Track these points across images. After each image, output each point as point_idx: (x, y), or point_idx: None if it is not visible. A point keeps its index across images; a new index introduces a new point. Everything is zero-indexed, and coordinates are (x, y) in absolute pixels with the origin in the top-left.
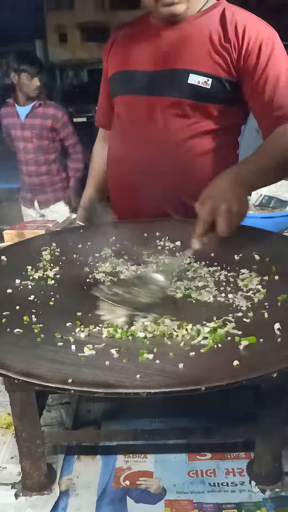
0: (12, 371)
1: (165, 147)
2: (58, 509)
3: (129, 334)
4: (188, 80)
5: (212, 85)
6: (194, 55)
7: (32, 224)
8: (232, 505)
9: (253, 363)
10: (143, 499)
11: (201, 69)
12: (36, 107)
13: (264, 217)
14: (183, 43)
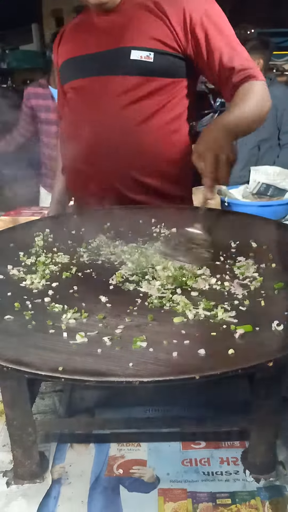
0: (1, 358)
1: (116, 124)
2: (50, 497)
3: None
4: (130, 56)
5: (155, 59)
6: (134, 33)
7: (27, 211)
8: (226, 494)
9: (249, 352)
10: (136, 488)
11: (142, 45)
12: None
13: (262, 206)
14: (123, 24)
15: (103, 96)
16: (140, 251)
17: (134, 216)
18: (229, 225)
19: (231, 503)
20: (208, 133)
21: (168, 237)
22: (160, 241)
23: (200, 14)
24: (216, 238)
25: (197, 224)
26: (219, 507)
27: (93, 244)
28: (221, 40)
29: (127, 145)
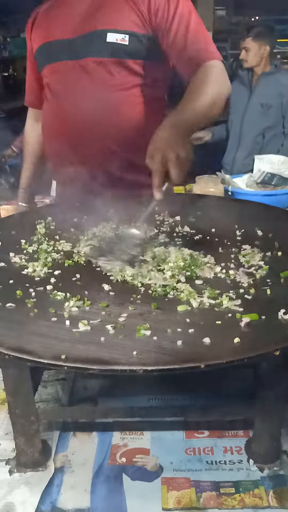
0: (3, 346)
1: (94, 106)
2: (53, 485)
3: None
4: (106, 39)
5: (129, 41)
6: (109, 16)
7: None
8: (229, 483)
9: (254, 340)
10: (140, 477)
11: (117, 27)
12: None
13: (266, 195)
14: (98, 7)
15: (82, 78)
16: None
17: (137, 204)
18: (234, 213)
19: (234, 492)
20: (158, 133)
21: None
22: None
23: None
24: (221, 226)
25: (136, 223)
26: (222, 496)
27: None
28: (181, 19)
29: (106, 126)
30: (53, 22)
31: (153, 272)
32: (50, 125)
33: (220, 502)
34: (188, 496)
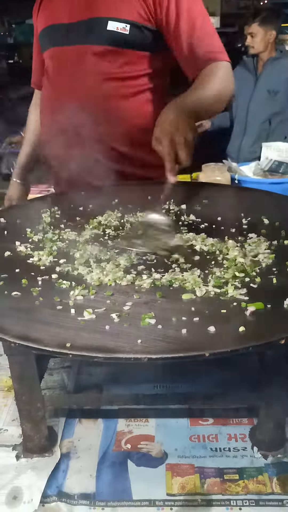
0: (9, 334)
1: (92, 94)
2: (59, 471)
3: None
4: (107, 27)
5: (130, 31)
6: (112, 3)
7: (35, 189)
8: (233, 469)
9: (260, 329)
10: (144, 463)
11: (119, 16)
12: None
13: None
14: None
15: (80, 65)
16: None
17: (142, 193)
18: (240, 201)
19: (238, 478)
20: (163, 116)
21: (133, 226)
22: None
23: None
24: (227, 214)
25: (158, 208)
26: (226, 483)
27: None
28: (189, 16)
29: (105, 114)
30: (57, 4)
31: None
32: (46, 111)
33: (224, 488)
34: (192, 482)
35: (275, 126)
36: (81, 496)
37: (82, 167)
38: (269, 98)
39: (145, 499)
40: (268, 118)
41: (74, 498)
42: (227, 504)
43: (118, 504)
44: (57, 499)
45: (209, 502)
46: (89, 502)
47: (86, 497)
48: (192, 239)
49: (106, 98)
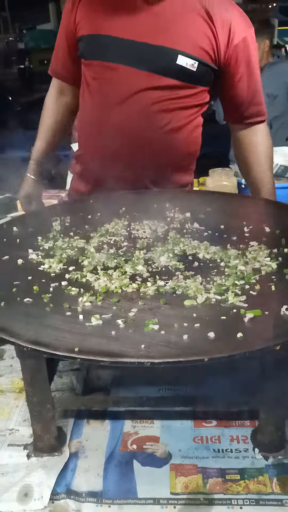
0: (21, 339)
1: (143, 123)
2: (68, 469)
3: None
4: (177, 61)
5: (198, 68)
6: (183, 36)
7: (46, 194)
8: (235, 470)
9: (257, 335)
10: (149, 463)
11: (189, 51)
12: None
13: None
14: (172, 20)
15: (135, 89)
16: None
17: (148, 201)
18: (243, 210)
19: (240, 478)
20: None
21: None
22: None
23: (241, 37)
24: (229, 222)
25: None
26: (228, 482)
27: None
28: (248, 70)
29: (150, 144)
30: (111, 13)
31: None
32: (92, 124)
33: (226, 488)
34: (195, 481)
35: (276, 129)
36: (88, 494)
37: (117, 184)
38: (268, 103)
39: (150, 498)
40: (269, 122)
41: (82, 495)
42: (228, 503)
43: (124, 502)
44: (66, 496)
45: (211, 501)
46: (97, 500)
47: (93, 495)
48: (196, 247)
49: (157, 127)
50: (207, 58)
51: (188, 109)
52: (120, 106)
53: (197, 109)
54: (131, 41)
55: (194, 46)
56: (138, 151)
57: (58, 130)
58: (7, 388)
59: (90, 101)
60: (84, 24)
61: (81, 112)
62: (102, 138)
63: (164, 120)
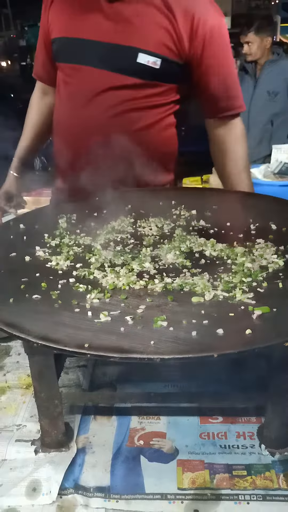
0: (31, 335)
1: (109, 120)
2: (76, 465)
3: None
4: (137, 59)
5: (160, 65)
6: (142, 33)
7: (48, 191)
8: (242, 466)
9: (265, 332)
10: (156, 458)
11: (149, 49)
12: None
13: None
14: (132, 18)
15: (99, 91)
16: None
17: (154, 198)
18: (249, 207)
19: (246, 474)
20: None
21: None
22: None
23: (207, 27)
24: (235, 220)
25: None
26: (235, 478)
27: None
28: (219, 62)
29: (119, 145)
30: (77, 15)
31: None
32: (63, 126)
33: (233, 483)
34: (202, 477)
35: (278, 126)
36: (96, 489)
37: (93, 181)
38: (269, 100)
39: (157, 493)
40: (269, 119)
41: (90, 490)
42: (235, 498)
43: (132, 497)
44: (74, 491)
45: (218, 496)
46: (104, 495)
47: (101, 490)
48: (203, 244)
49: (124, 125)
50: (170, 54)
51: (156, 108)
52: (86, 107)
53: (166, 108)
54: (94, 42)
55: (155, 43)
56: (106, 152)
57: (41, 129)
58: (14, 384)
59: (59, 103)
60: (54, 26)
61: (54, 114)
62: (71, 140)
63: (130, 120)
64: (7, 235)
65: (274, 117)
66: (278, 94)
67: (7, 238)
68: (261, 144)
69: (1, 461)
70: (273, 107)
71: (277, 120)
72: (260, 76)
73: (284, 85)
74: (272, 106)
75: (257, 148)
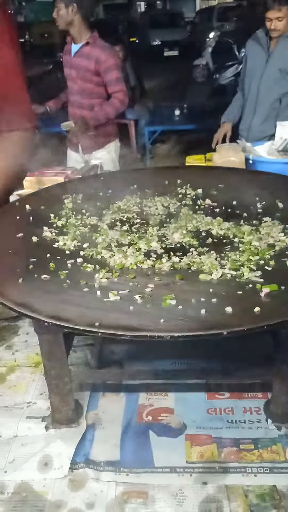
0: (42, 314)
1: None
2: (86, 440)
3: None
4: None
5: None
6: None
7: (51, 171)
8: (249, 440)
9: (274, 309)
10: (165, 433)
11: None
12: (84, 45)
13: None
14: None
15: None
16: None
17: (160, 178)
18: (255, 185)
19: (253, 448)
20: None
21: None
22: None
23: None
24: (242, 198)
25: None
26: (242, 452)
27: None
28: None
29: None
30: None
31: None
32: None
33: (240, 456)
34: (210, 451)
35: (286, 105)
36: (107, 463)
37: None
38: (280, 78)
39: (167, 466)
40: (279, 97)
41: (101, 465)
42: (243, 471)
43: (142, 470)
44: (84, 465)
45: (226, 469)
46: (115, 469)
47: (111, 464)
48: (210, 223)
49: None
50: None
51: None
52: None
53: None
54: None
55: None
56: None
57: None
58: (23, 363)
59: None
60: None
61: None
62: None
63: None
64: (14, 216)
65: (284, 95)
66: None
67: (13, 218)
68: (266, 122)
69: (13, 438)
70: (284, 86)
71: (286, 98)
72: (274, 51)
73: None
74: (282, 84)
75: (262, 125)
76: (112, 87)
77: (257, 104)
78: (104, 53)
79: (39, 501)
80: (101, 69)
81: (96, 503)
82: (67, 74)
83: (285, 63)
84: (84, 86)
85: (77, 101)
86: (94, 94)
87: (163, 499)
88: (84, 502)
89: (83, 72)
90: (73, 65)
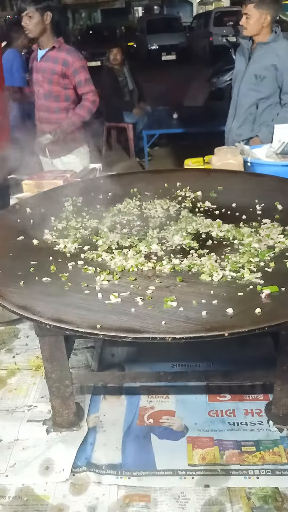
0: (43, 317)
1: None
2: (87, 443)
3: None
4: None
5: None
6: None
7: (50, 174)
8: (250, 442)
9: (275, 311)
10: (166, 436)
11: None
12: (50, 50)
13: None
14: None
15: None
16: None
17: (159, 180)
18: (254, 187)
19: (255, 450)
20: None
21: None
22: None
23: None
24: (241, 201)
25: None
26: (244, 454)
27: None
28: None
29: None
30: None
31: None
32: None
33: (242, 459)
34: (212, 453)
35: (262, 110)
36: (108, 467)
37: None
38: (256, 84)
39: (168, 469)
40: (255, 102)
41: (102, 468)
42: (245, 473)
43: (143, 473)
44: (86, 469)
45: (228, 471)
46: (116, 472)
47: (113, 467)
48: (209, 225)
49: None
50: None
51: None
52: None
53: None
54: None
55: None
56: None
57: None
58: (23, 366)
59: None
60: None
61: None
62: None
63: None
64: (14, 218)
65: (260, 101)
66: (264, 79)
67: (14, 221)
68: (244, 126)
69: (14, 441)
70: (259, 92)
71: (262, 104)
72: (252, 57)
73: (272, 71)
74: (258, 90)
75: (239, 129)
76: (82, 88)
77: (237, 108)
78: (71, 55)
79: (40, 505)
80: (69, 71)
81: (98, 506)
82: (34, 79)
83: (261, 70)
84: (51, 88)
85: (44, 105)
86: (61, 96)
87: (165, 502)
88: (86, 505)
89: (49, 75)
90: (40, 69)
